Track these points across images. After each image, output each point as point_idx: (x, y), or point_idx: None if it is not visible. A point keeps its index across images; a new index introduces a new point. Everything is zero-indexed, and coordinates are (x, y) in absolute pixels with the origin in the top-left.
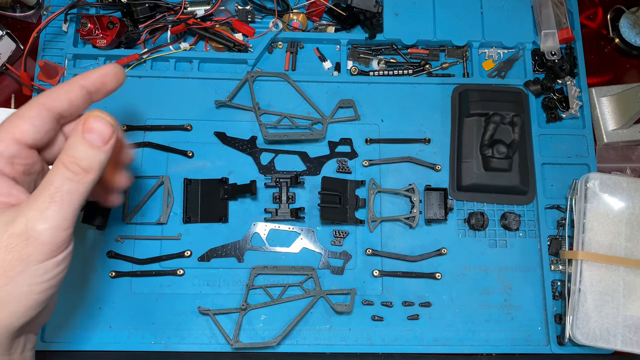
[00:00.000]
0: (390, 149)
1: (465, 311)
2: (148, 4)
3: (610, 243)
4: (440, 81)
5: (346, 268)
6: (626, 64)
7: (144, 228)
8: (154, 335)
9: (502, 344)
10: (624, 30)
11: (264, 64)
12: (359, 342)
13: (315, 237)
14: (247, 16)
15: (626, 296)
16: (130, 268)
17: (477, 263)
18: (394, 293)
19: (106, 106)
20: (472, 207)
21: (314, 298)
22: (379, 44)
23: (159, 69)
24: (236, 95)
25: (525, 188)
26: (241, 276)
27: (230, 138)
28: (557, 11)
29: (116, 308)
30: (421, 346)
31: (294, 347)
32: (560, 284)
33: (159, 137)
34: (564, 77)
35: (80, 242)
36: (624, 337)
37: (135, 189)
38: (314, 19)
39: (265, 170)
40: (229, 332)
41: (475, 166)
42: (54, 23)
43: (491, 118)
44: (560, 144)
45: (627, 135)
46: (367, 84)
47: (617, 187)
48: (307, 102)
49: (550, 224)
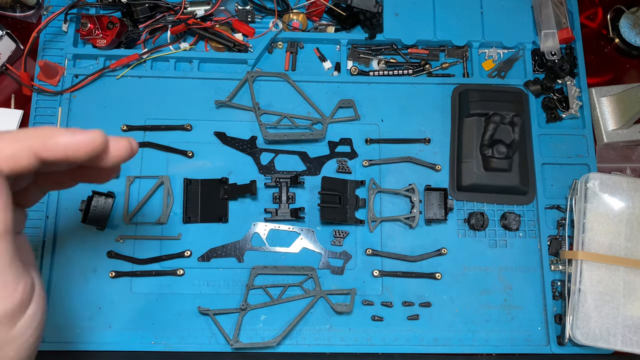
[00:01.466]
0: (390, 149)
1: (465, 311)
2: (148, 4)
3: (610, 243)
4: (440, 81)
5: (346, 268)
6: (626, 64)
7: (144, 228)
8: (154, 335)
9: (502, 344)
10: (624, 30)
11: (264, 64)
12: (359, 342)
13: (315, 237)
14: (247, 16)
15: (626, 296)
16: (130, 268)
17: (477, 263)
18: (394, 293)
19: (106, 106)
20: (472, 207)
21: (314, 298)
22: (379, 44)
23: (159, 69)
24: (236, 95)
25: (525, 188)
26: (241, 276)
27: (230, 138)
28: (557, 11)
29: (116, 308)
30: (421, 346)
31: (294, 347)
32: (560, 284)
33: (159, 137)
34: (564, 77)
35: (80, 242)
36: (624, 337)
37: (135, 189)
38: (314, 19)
39: (265, 170)
40: (229, 332)
41: (475, 166)
42: (54, 23)
43: (491, 118)
44: (560, 144)
45: (627, 135)
46: (367, 84)
47: (617, 187)
48: (307, 102)
49: (550, 224)
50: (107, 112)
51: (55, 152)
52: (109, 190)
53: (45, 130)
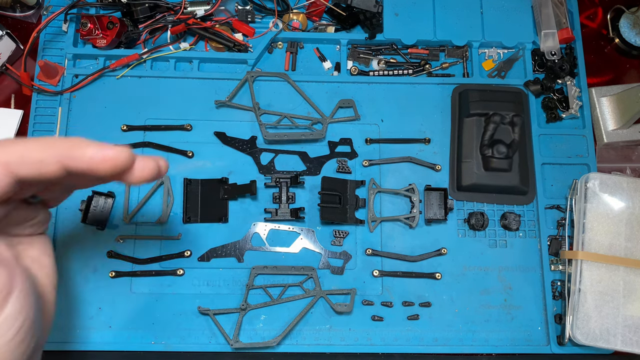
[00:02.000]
0: (390, 149)
1: (465, 311)
2: (148, 4)
3: (610, 243)
4: (440, 81)
5: (346, 268)
6: (626, 64)
7: (144, 228)
8: (154, 335)
9: (502, 344)
10: (624, 30)
11: (264, 64)
12: (359, 342)
13: (315, 237)
14: (247, 16)
15: (626, 296)
16: (130, 268)
17: (477, 263)
18: (394, 293)
19: (106, 106)
20: (472, 207)
21: (314, 298)
22: (379, 44)
23: (159, 69)
24: (236, 95)
25: (525, 188)
26: (241, 276)
27: (230, 138)
28: (557, 11)
29: (116, 308)
30: (421, 346)
31: (294, 347)
32: (560, 284)
33: (159, 137)
34: (564, 77)
35: (80, 242)
36: (624, 337)
37: (135, 189)
38: (314, 19)
39: (265, 170)
40: (229, 332)
41: (475, 166)
42: (54, 23)
43: (491, 118)
44: (560, 144)
45: (627, 135)
46: (367, 84)
47: (617, 187)
48: (307, 102)
49: (550, 224)
50: (107, 112)
51: (81, 163)
52: (109, 190)
53: (74, 141)
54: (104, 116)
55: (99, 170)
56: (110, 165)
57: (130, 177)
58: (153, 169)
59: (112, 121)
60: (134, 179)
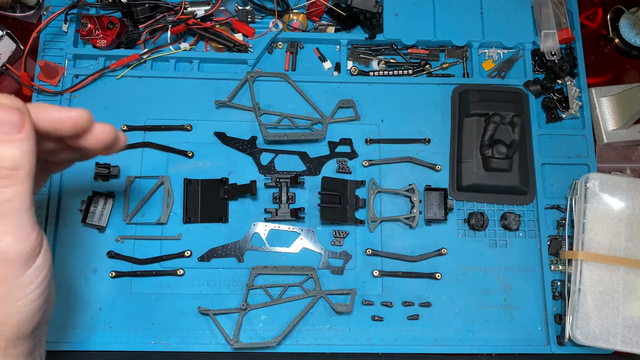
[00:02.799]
0: (390, 149)
1: (465, 311)
2: (148, 4)
3: (610, 243)
4: (440, 81)
5: (346, 268)
6: (626, 64)
7: (144, 228)
8: (154, 335)
9: (502, 344)
10: (624, 31)
11: (264, 64)
12: (359, 342)
13: (315, 237)
14: (247, 16)
15: (626, 296)
16: (130, 268)
17: (477, 263)
18: (394, 293)
19: (106, 106)
20: (472, 207)
21: (314, 298)
22: (379, 44)
23: (159, 69)
24: (236, 95)
25: (525, 188)
26: (241, 276)
27: (230, 138)
28: (557, 11)
29: (116, 308)
30: (421, 346)
31: (294, 347)
32: (560, 284)
33: (159, 137)
34: (563, 77)
35: (80, 242)
36: (624, 337)
37: (135, 189)
38: (314, 19)
39: (265, 170)
40: (229, 332)
41: (475, 166)
42: (54, 23)
43: (491, 118)
44: (560, 144)
45: (627, 135)
46: (367, 84)
47: (617, 187)
48: (307, 102)
49: (550, 224)
50: (107, 112)
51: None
52: (109, 190)
53: (39, 104)
54: (104, 116)
55: (61, 130)
56: (71, 124)
57: (92, 138)
58: (110, 132)
59: (112, 121)
60: (94, 141)
